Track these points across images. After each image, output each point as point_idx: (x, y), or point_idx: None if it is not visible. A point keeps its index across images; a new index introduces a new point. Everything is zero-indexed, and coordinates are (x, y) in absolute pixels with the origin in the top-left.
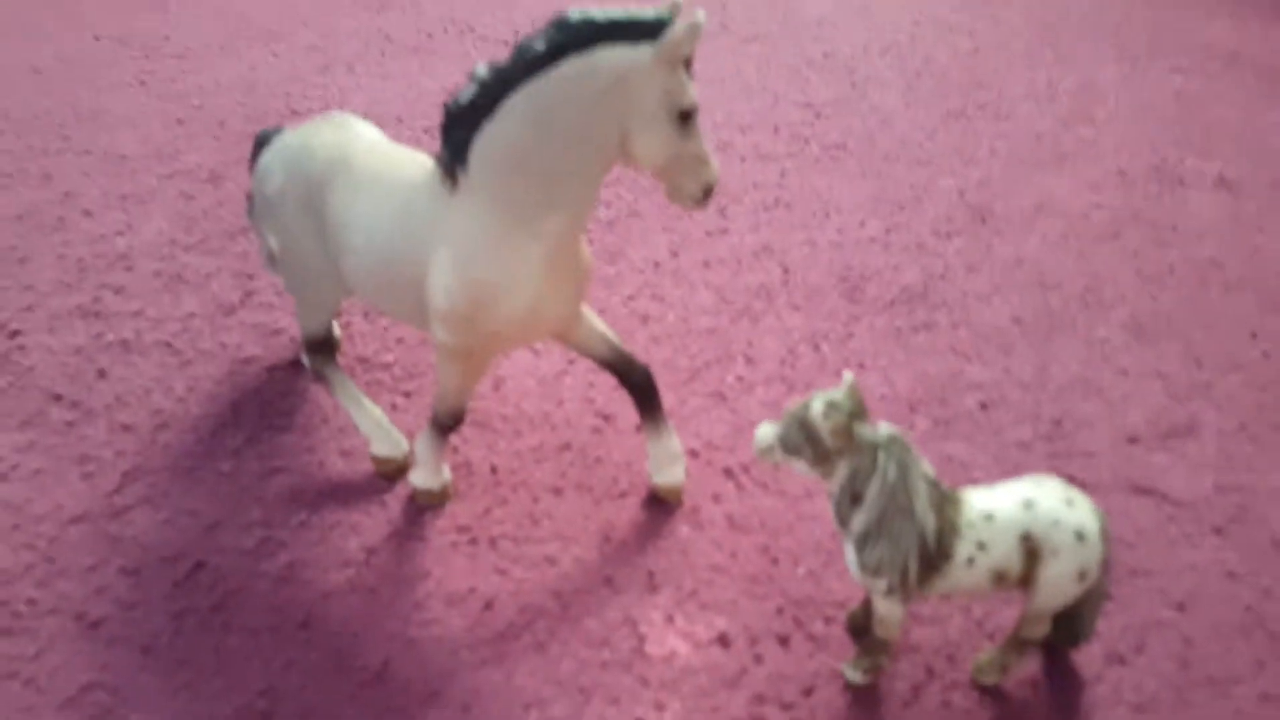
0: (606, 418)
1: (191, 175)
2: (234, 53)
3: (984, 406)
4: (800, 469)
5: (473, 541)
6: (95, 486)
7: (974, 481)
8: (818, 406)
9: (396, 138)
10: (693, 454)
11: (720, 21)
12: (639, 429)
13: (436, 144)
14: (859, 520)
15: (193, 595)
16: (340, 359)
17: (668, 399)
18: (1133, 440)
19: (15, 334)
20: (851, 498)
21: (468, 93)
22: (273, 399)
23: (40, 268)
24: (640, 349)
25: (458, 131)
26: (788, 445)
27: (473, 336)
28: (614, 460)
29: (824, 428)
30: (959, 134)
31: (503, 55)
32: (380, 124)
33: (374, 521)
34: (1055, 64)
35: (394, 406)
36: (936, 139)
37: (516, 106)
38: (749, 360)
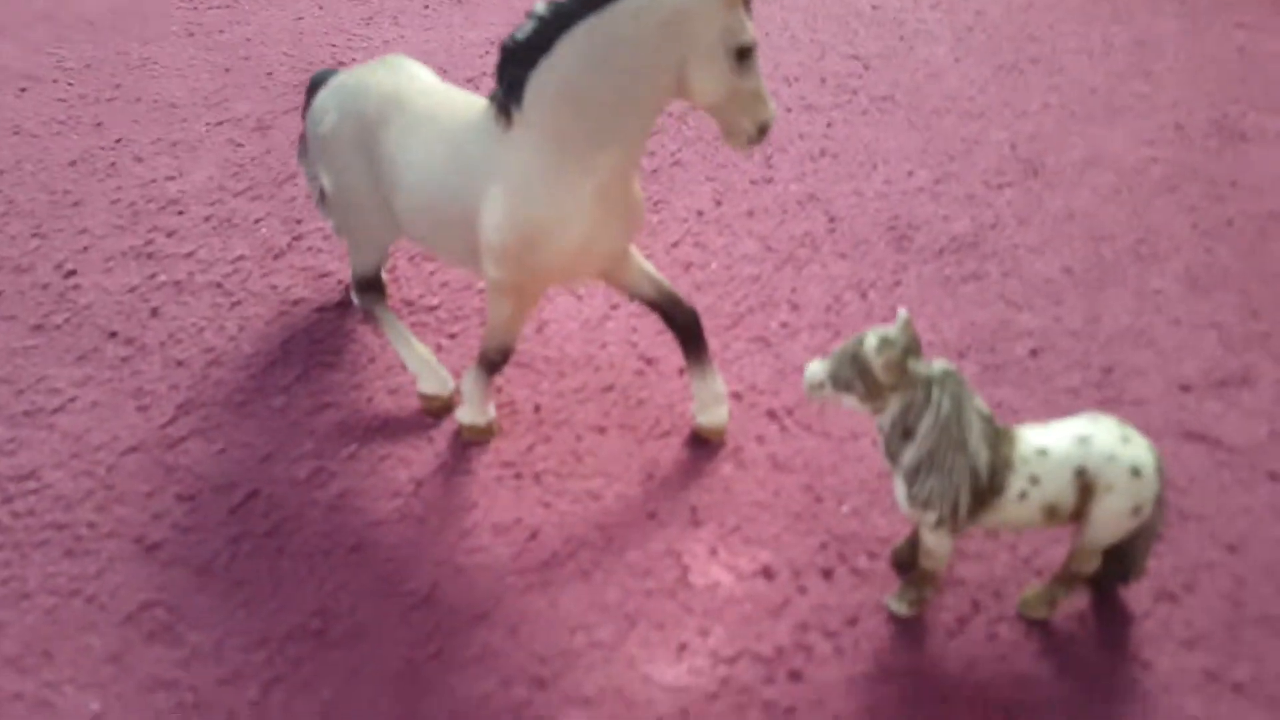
0: (650, 361)
1: (240, 124)
2: (280, 4)
3: (1034, 353)
4: (851, 404)
5: (517, 476)
6: (150, 419)
7: None
8: (871, 341)
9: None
10: (736, 397)
11: None
12: (682, 372)
13: (481, 94)
14: (910, 454)
15: (248, 521)
16: (389, 299)
17: (711, 344)
18: (1185, 388)
19: (71, 274)
20: (903, 432)
21: (526, 29)
22: (322, 338)
23: (94, 211)
24: (683, 295)
25: (514, 69)
26: (839, 380)
27: (523, 273)
28: (657, 402)
29: (877, 362)
30: (1010, 88)
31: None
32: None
33: (422, 456)
34: (1111, 20)
35: (439, 348)
36: (987, 92)
37: (575, 43)
38: (793, 307)
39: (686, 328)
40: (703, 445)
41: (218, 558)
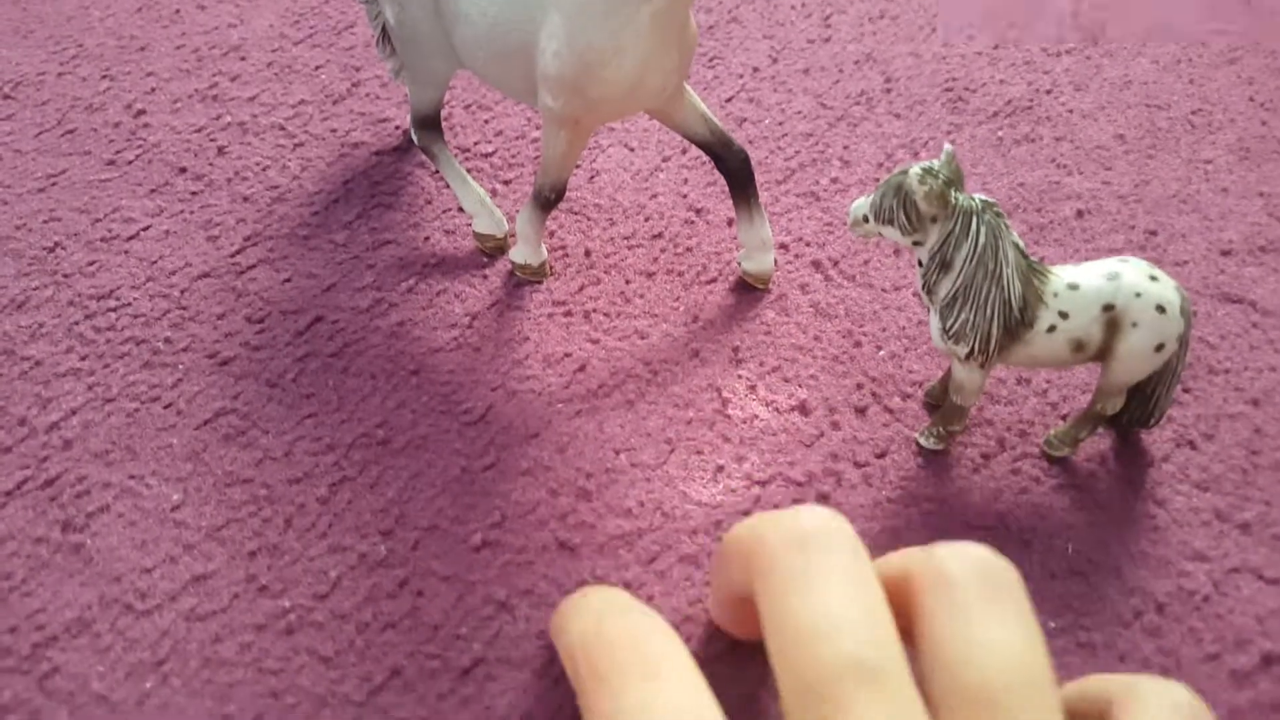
0: (699, 211)
1: None
2: None
3: (1080, 214)
4: (893, 236)
5: (568, 314)
6: (220, 248)
7: None
8: (915, 172)
9: None
10: (783, 248)
11: None
12: (731, 223)
13: None
14: (946, 286)
15: (314, 342)
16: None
17: (761, 197)
18: (1226, 253)
19: (140, 113)
20: (941, 264)
21: None
22: (381, 180)
23: (160, 55)
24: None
25: None
26: (881, 212)
27: (580, 102)
28: (704, 250)
29: (919, 191)
30: None
31: None
32: None
33: (476, 292)
34: None
35: (494, 193)
36: None
37: None
38: (845, 163)
39: (737, 171)
40: (747, 291)
41: (286, 373)
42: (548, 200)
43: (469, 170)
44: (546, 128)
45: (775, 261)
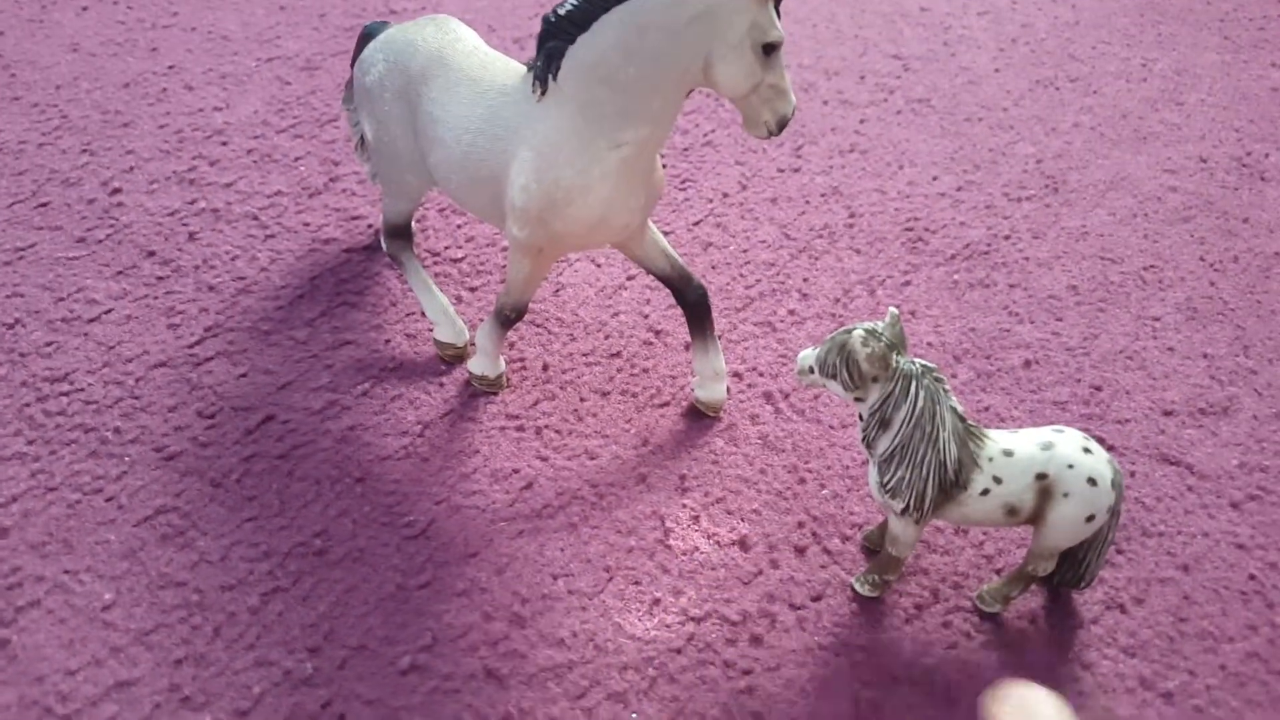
0: (658, 332)
1: (289, 62)
2: None
3: (1027, 364)
4: (836, 391)
5: (520, 429)
6: (179, 337)
7: None
8: (858, 333)
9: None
10: (736, 376)
11: None
12: (688, 347)
13: (525, 53)
14: (884, 443)
15: (262, 442)
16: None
17: (719, 323)
18: (1167, 413)
19: (116, 191)
20: (880, 422)
21: (568, 6)
22: (348, 278)
23: (143, 133)
24: (699, 274)
25: (553, 42)
26: (825, 367)
27: (544, 234)
28: (660, 372)
29: (862, 353)
30: (1045, 103)
31: None
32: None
33: (431, 400)
34: (1154, 45)
35: (459, 300)
36: (1022, 105)
37: (612, 24)
38: (803, 296)
39: (695, 305)
40: (698, 418)
41: (231, 473)
42: (508, 318)
43: (437, 275)
44: (512, 254)
45: (728, 390)
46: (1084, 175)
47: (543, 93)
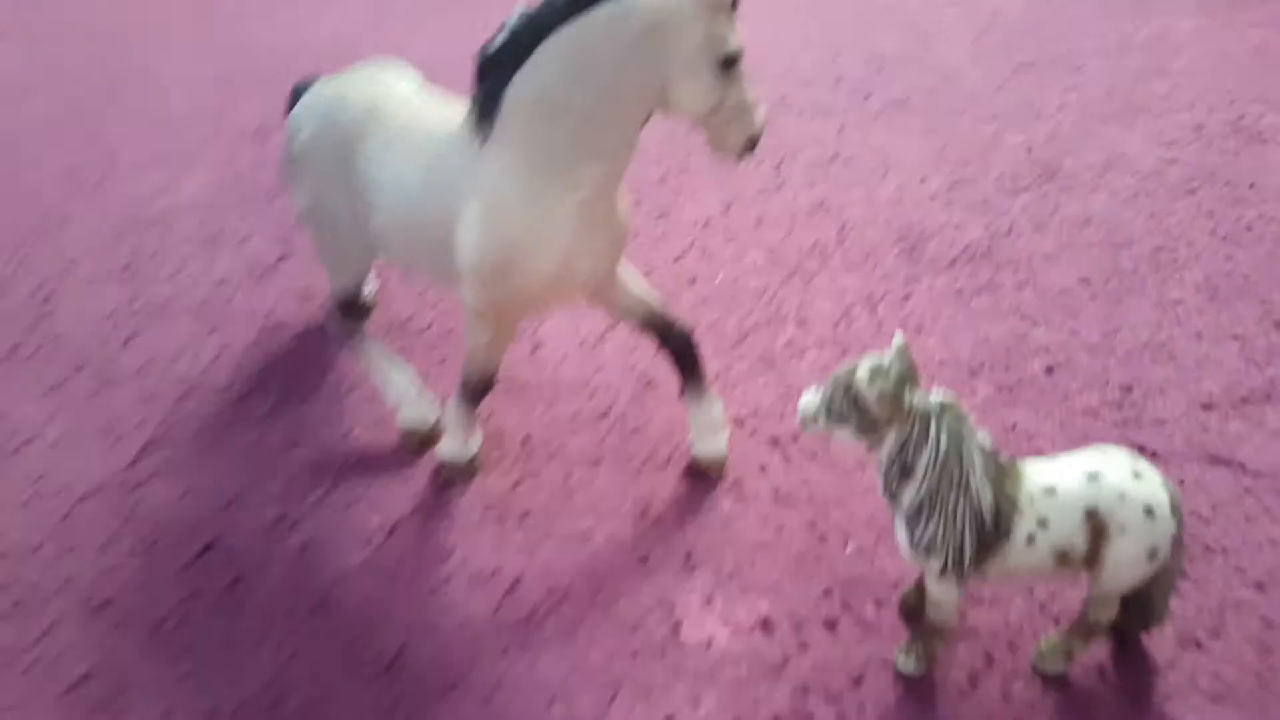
0: (649, 383)
1: (238, 135)
2: (290, 5)
3: (1049, 371)
4: (846, 439)
5: (500, 519)
6: (114, 458)
7: (1039, 452)
8: (863, 372)
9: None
10: (738, 422)
11: None
12: (684, 393)
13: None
14: (909, 494)
15: (204, 575)
16: (375, 321)
17: (713, 364)
18: (1207, 407)
19: (48, 298)
20: (901, 470)
21: (499, 40)
22: (301, 365)
23: (80, 232)
24: (686, 311)
25: (490, 81)
26: (832, 413)
27: (502, 295)
28: (655, 428)
29: (870, 394)
30: (1027, 88)
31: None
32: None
33: (396, 497)
34: (1130, 16)
35: (428, 375)
36: (1004, 93)
37: (550, 53)
38: (800, 323)
39: (681, 352)
40: (701, 477)
41: (169, 619)
42: (476, 392)
43: (400, 348)
44: (469, 321)
45: (730, 440)
46: (1078, 158)
47: (485, 138)
